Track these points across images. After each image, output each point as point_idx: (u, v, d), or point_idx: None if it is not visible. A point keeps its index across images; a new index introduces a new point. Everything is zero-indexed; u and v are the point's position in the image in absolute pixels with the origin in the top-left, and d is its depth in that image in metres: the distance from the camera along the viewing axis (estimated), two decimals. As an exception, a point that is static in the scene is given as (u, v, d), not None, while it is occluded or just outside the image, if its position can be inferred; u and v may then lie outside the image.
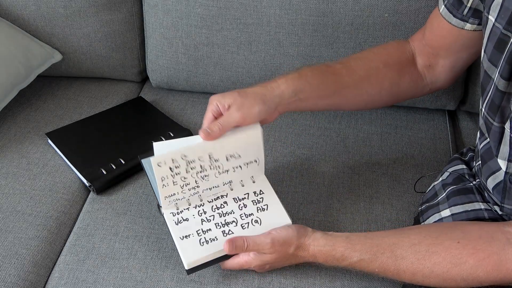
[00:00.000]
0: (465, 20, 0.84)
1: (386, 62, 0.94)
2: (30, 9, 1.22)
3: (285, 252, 0.83)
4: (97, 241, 0.96)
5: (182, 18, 1.18)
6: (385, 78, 0.94)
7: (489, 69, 0.75)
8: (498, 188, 0.79)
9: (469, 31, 0.86)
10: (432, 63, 0.95)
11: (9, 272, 0.91)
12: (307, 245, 0.82)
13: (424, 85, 0.98)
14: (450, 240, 0.73)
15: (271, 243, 0.82)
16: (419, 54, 0.96)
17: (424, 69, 0.96)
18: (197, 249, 0.85)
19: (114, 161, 1.07)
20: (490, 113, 0.76)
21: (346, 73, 0.91)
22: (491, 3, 0.73)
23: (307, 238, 0.82)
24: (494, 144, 0.77)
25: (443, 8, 0.87)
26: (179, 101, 1.29)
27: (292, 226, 0.85)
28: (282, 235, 0.82)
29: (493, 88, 0.74)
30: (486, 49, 0.75)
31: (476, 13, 0.83)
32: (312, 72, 0.90)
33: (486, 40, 0.75)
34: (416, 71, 0.96)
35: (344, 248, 0.79)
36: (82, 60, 1.30)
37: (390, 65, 0.94)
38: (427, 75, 0.96)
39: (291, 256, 0.83)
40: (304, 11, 1.11)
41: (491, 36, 0.73)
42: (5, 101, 1.17)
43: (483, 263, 0.70)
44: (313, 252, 0.82)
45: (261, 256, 0.83)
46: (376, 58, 0.95)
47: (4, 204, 1.01)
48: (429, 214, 0.90)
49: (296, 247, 0.82)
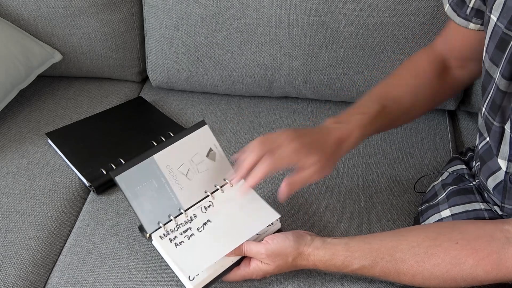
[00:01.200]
0: (468, 19, 0.84)
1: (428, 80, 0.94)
2: (30, 9, 1.22)
3: (284, 262, 0.83)
4: (97, 241, 0.96)
5: (182, 18, 1.18)
6: (430, 96, 0.95)
7: (490, 68, 0.75)
8: (499, 188, 0.79)
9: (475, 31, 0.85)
10: (462, 64, 0.94)
11: (9, 272, 0.91)
12: (307, 255, 0.82)
13: (464, 82, 0.97)
14: (448, 241, 0.73)
15: (265, 253, 0.82)
16: (449, 57, 0.95)
17: (457, 70, 0.95)
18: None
19: (114, 161, 1.07)
20: (490, 113, 0.76)
21: (397, 108, 0.91)
22: (493, 2, 0.73)
23: (307, 246, 0.82)
24: (494, 144, 0.77)
25: (447, 7, 0.87)
26: (179, 101, 1.29)
27: (290, 235, 0.84)
28: (278, 246, 0.82)
29: (494, 88, 0.74)
30: (487, 48, 0.75)
31: (479, 13, 0.82)
32: (376, 119, 0.88)
33: (488, 40, 0.75)
34: (453, 75, 0.95)
35: (344, 256, 0.80)
36: (82, 60, 1.30)
37: (432, 81, 0.94)
38: (463, 75, 0.95)
39: (291, 265, 0.84)
40: (304, 11, 1.11)
41: (492, 36, 0.73)
42: (5, 101, 1.18)
43: (482, 263, 0.70)
44: (313, 261, 0.82)
45: (261, 267, 0.84)
46: (418, 81, 0.94)
47: (4, 204, 1.01)
48: (429, 214, 0.90)
49: (295, 257, 0.82)
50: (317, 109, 1.26)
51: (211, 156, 0.92)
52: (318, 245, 0.82)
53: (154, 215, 0.86)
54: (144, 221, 0.85)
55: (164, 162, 0.88)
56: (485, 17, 0.76)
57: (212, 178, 0.92)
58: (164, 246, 0.84)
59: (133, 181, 0.85)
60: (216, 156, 0.92)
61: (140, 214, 0.85)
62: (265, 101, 1.29)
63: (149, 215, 0.86)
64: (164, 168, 0.88)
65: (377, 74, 1.18)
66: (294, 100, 1.29)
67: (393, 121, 0.92)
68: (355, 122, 0.85)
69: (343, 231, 0.97)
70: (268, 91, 1.26)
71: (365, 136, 0.88)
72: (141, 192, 0.85)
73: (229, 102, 1.28)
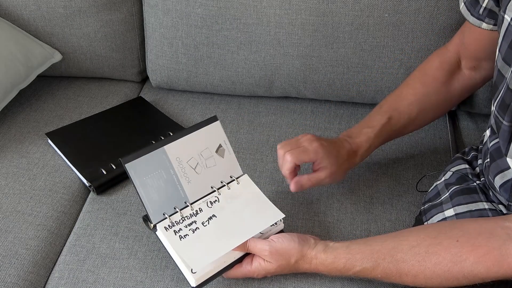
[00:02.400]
0: (481, 19, 0.85)
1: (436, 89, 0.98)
2: (30, 9, 1.22)
3: (286, 262, 0.83)
4: (97, 241, 0.96)
5: (182, 18, 1.18)
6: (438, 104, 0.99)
7: (502, 68, 0.75)
8: (506, 186, 0.79)
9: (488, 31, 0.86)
10: (476, 64, 0.96)
11: (9, 272, 0.91)
12: (310, 258, 0.82)
13: (477, 84, 0.99)
14: (449, 239, 0.73)
15: (269, 251, 0.83)
16: (462, 57, 0.97)
17: (470, 71, 0.97)
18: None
19: (114, 161, 1.07)
20: (500, 112, 0.76)
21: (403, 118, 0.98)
22: (508, 2, 0.73)
23: (310, 249, 0.83)
24: (503, 143, 0.77)
25: (462, 5, 0.89)
26: (179, 101, 1.29)
27: (295, 237, 0.84)
28: (283, 245, 0.83)
29: (504, 87, 0.74)
30: (500, 48, 0.75)
31: (491, 14, 0.83)
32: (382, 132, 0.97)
33: (501, 40, 0.75)
34: (465, 76, 0.97)
35: (345, 259, 0.80)
36: (82, 60, 1.30)
37: (439, 89, 0.97)
38: (476, 75, 0.97)
39: (293, 267, 0.84)
40: (304, 11, 1.11)
41: (506, 36, 0.73)
42: (5, 101, 1.18)
43: (483, 259, 0.70)
44: (315, 265, 0.83)
45: (263, 265, 0.84)
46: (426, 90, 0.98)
47: (4, 204, 1.01)
48: (432, 213, 0.90)
49: (298, 259, 0.83)
50: (317, 109, 1.26)
51: (220, 152, 0.93)
52: (321, 249, 0.82)
53: (160, 205, 0.86)
54: (150, 210, 0.85)
55: (174, 153, 0.88)
56: (499, 17, 0.77)
57: (220, 174, 0.92)
58: (168, 237, 0.84)
59: (142, 169, 0.85)
60: (225, 152, 0.93)
61: (147, 203, 0.85)
62: (265, 101, 1.29)
63: (155, 205, 0.86)
64: (173, 160, 0.88)
65: (377, 74, 1.18)
66: (294, 100, 1.29)
67: (400, 131, 1.00)
68: (363, 137, 0.96)
69: (343, 231, 0.97)
70: (268, 91, 1.26)
71: (374, 148, 0.98)
72: (149, 181, 0.86)
73: (229, 102, 1.28)
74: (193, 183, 0.89)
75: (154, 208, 0.86)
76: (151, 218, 0.85)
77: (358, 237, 0.96)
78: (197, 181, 0.90)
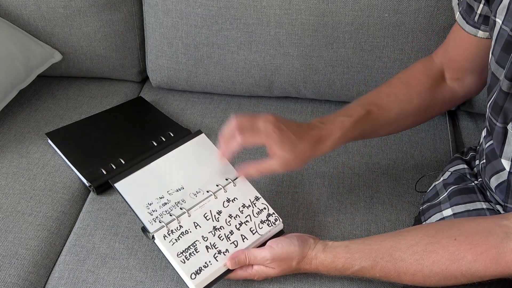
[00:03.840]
0: (477, 27, 0.85)
1: (418, 92, 0.94)
2: (30, 9, 1.22)
3: (288, 266, 0.84)
4: (97, 241, 0.96)
5: (182, 18, 1.18)
6: (419, 108, 0.95)
7: (496, 71, 0.76)
8: (501, 187, 0.79)
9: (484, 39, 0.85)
10: (460, 76, 0.94)
11: (9, 272, 0.91)
12: (310, 259, 0.83)
13: (458, 98, 0.98)
14: (447, 238, 0.73)
15: (271, 258, 0.83)
16: (446, 69, 0.95)
17: (453, 82, 0.95)
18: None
19: (114, 161, 1.07)
20: (493, 114, 0.77)
21: (382, 115, 0.92)
22: (498, 6, 0.73)
23: (310, 250, 0.83)
24: (497, 144, 0.77)
25: (458, 15, 0.88)
26: (179, 101, 1.29)
27: (295, 239, 0.84)
28: (284, 251, 0.83)
29: (497, 89, 0.75)
30: (493, 51, 0.76)
31: (486, 20, 0.83)
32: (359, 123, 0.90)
33: (493, 43, 0.76)
34: (448, 88, 0.95)
35: (344, 258, 0.80)
36: (82, 60, 1.30)
37: (422, 93, 0.94)
38: (458, 88, 0.95)
39: (295, 269, 0.84)
40: (304, 11, 1.11)
41: (498, 39, 0.74)
42: (5, 101, 1.17)
43: (481, 257, 0.70)
44: (315, 265, 0.83)
45: (264, 270, 0.84)
46: (408, 91, 0.94)
47: (4, 204, 1.01)
48: (430, 213, 0.90)
49: (299, 261, 0.83)
50: (317, 109, 1.26)
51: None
52: (320, 249, 0.83)
53: (156, 215, 0.87)
54: (146, 222, 0.86)
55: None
56: (490, 21, 0.77)
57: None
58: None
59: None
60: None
61: (142, 216, 0.86)
62: (265, 101, 1.29)
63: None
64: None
65: (377, 74, 1.18)
66: (294, 100, 1.29)
67: (377, 128, 0.93)
68: (338, 124, 0.87)
69: (343, 231, 0.97)
70: (268, 91, 1.26)
71: (347, 139, 0.89)
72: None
73: (229, 102, 1.28)
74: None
75: (149, 218, 0.87)
76: (148, 228, 0.86)
77: (358, 237, 0.95)
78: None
